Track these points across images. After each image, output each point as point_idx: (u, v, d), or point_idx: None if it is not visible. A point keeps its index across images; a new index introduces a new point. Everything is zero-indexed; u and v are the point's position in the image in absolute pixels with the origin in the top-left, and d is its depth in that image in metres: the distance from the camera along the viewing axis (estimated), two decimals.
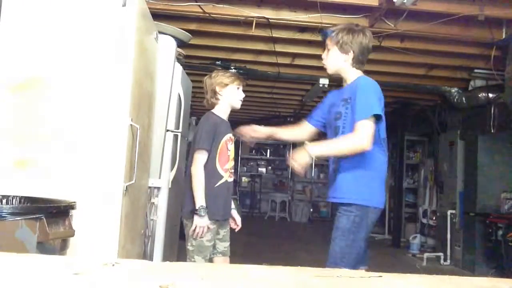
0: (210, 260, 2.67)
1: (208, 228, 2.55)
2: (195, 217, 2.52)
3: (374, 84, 2.19)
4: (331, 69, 2.36)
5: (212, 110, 2.73)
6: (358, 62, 2.24)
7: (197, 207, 2.51)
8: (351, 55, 2.22)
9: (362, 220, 2.14)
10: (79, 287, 0.59)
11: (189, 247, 2.60)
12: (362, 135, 2.05)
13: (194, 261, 2.54)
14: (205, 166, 2.59)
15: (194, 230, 2.53)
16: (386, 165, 2.28)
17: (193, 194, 2.55)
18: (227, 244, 2.77)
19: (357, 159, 2.14)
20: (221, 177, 2.64)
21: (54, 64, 2.30)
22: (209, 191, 2.57)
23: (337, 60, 2.26)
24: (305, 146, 2.13)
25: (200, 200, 2.52)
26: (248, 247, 5.86)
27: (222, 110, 2.73)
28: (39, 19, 2.33)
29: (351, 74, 2.29)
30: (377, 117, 2.10)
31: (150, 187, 3.33)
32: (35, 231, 1.63)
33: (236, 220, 2.86)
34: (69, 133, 2.27)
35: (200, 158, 2.58)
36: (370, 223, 2.21)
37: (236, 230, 2.88)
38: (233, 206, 2.84)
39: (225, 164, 2.67)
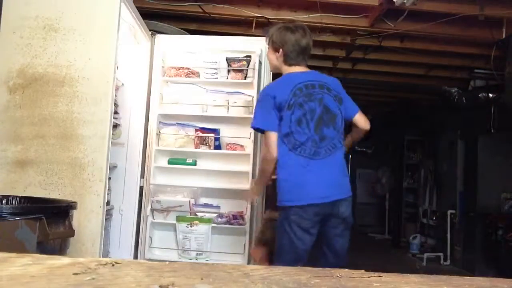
0: None
1: None
2: None
3: (261, 93, 2.30)
4: (270, 66, 2.45)
5: None
6: (290, 59, 2.29)
7: None
8: (281, 52, 2.29)
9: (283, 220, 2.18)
10: (79, 287, 0.59)
11: None
12: (265, 149, 2.24)
13: None
14: None
15: None
16: (293, 158, 2.18)
17: None
18: None
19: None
20: None
21: (53, 64, 2.30)
22: None
23: (271, 58, 2.36)
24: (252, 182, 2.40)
25: None
26: None
27: None
28: (39, 18, 2.34)
29: (283, 71, 2.36)
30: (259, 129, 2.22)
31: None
32: (35, 231, 1.63)
33: None
34: (70, 133, 2.27)
35: None
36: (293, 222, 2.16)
37: None
38: None
39: None
